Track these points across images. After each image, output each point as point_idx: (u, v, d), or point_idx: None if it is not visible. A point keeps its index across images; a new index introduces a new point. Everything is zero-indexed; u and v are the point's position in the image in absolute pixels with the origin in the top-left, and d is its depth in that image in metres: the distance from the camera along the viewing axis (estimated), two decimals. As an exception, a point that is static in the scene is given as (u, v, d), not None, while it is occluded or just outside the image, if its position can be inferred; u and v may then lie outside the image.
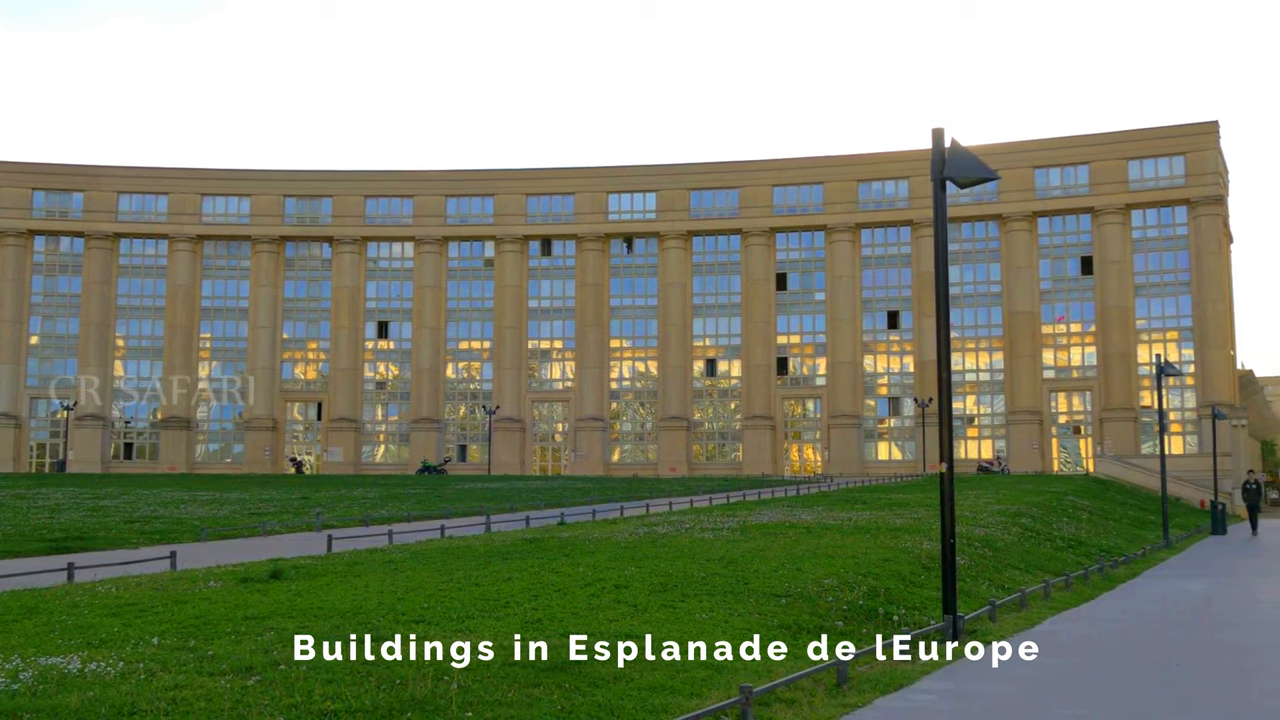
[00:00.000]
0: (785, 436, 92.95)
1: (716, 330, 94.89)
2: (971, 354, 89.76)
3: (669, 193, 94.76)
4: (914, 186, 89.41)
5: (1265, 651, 12.28)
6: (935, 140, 13.63)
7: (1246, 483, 42.99)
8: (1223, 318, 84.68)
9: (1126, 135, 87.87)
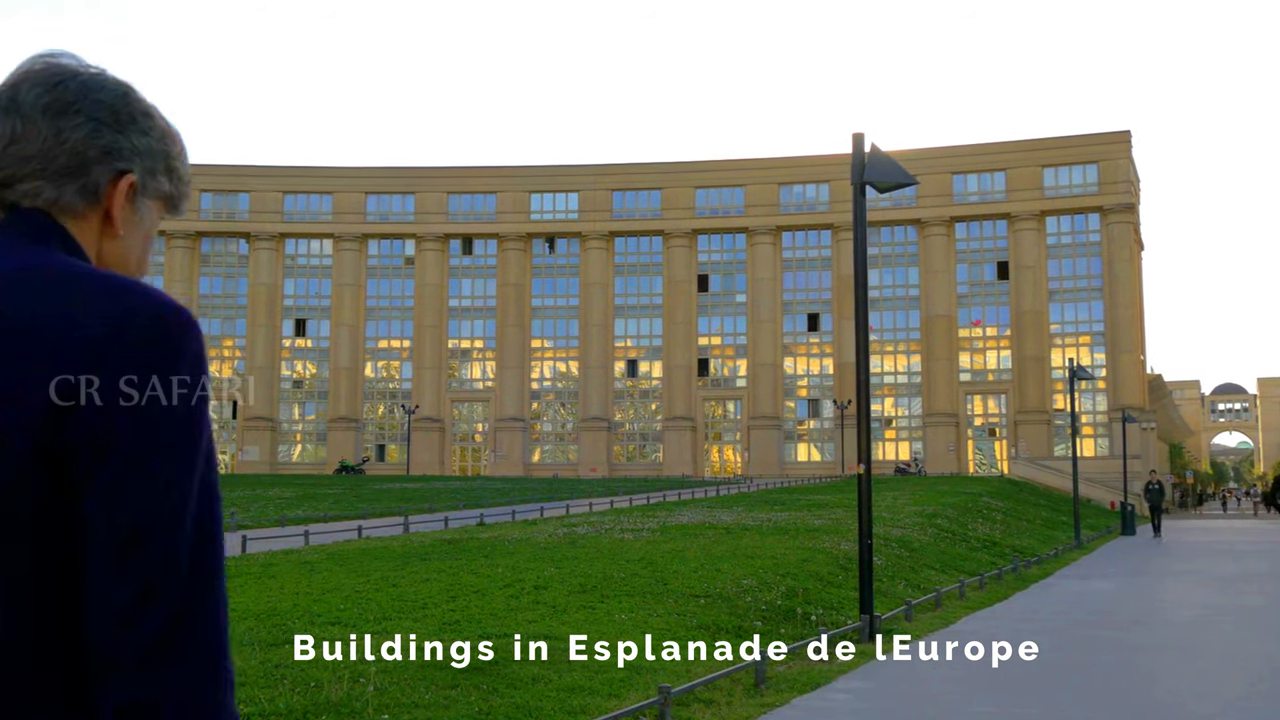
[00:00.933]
0: (706, 438, 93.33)
1: (638, 331, 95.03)
2: (890, 357, 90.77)
3: (591, 193, 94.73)
4: (834, 190, 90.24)
5: (1171, 650, 12.54)
6: (855, 145, 13.74)
7: (1149, 484, 43.48)
8: (1133, 323, 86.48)
9: (1042, 143, 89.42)
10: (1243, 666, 11.48)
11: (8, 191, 1.44)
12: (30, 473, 1.27)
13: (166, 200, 1.62)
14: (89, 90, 1.48)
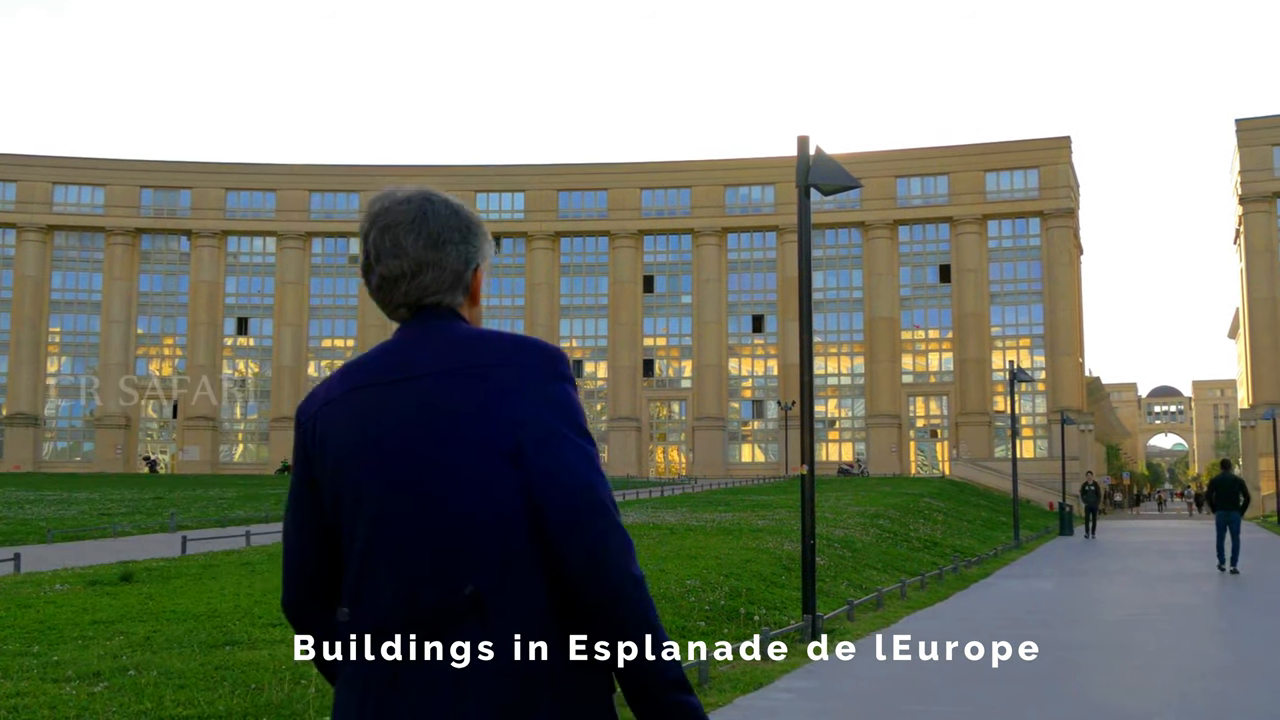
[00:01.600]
0: (651, 438, 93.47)
1: (583, 331, 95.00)
2: (834, 358, 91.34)
3: (537, 193, 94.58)
4: (780, 192, 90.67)
5: (1107, 649, 12.73)
6: (800, 148, 13.81)
7: (1085, 485, 43.41)
8: (1072, 326, 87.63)
9: (984, 148, 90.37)
10: (1177, 664, 11.69)
11: (422, 303, 2.23)
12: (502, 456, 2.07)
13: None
14: (443, 221, 2.23)
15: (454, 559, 2.04)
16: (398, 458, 2.09)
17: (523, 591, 2.03)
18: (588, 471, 2.06)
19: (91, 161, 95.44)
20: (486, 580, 2.02)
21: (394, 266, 2.21)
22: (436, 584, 2.03)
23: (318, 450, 2.20)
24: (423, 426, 2.09)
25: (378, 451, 2.11)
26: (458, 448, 2.06)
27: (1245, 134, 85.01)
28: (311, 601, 2.25)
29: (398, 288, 2.23)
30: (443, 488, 2.06)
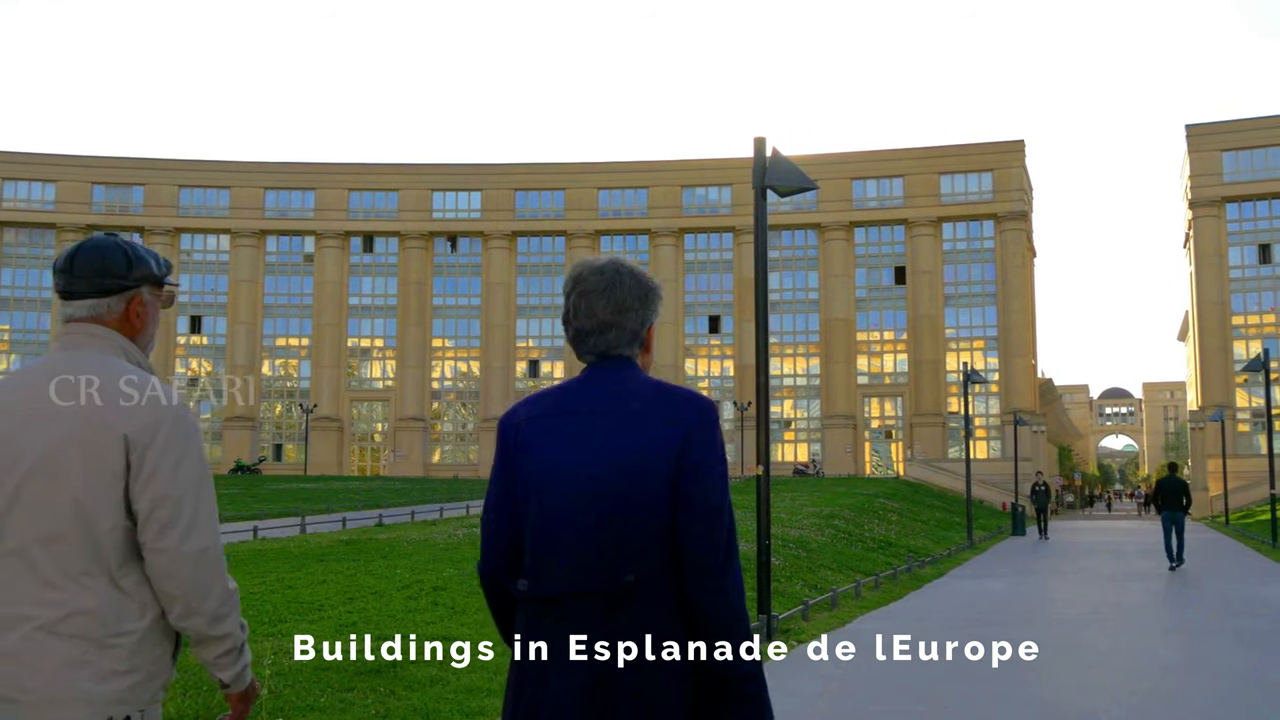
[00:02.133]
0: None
1: (540, 331, 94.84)
2: (790, 359, 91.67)
3: (494, 192, 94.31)
4: (736, 193, 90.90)
5: (1059, 648, 12.84)
6: (757, 149, 13.85)
7: (1035, 485, 43.07)
8: (1025, 328, 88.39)
9: (939, 151, 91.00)
10: (1127, 663, 11.81)
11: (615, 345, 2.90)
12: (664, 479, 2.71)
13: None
14: (627, 290, 2.90)
15: (619, 554, 2.70)
16: (585, 471, 2.76)
17: (665, 583, 2.72)
18: (723, 497, 2.77)
19: (42, 157, 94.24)
20: (643, 572, 2.70)
21: (587, 324, 2.92)
22: (604, 572, 2.70)
23: (519, 453, 2.86)
24: (606, 450, 2.76)
25: (572, 465, 2.77)
26: (634, 469, 2.73)
27: (1195, 139, 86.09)
28: (505, 571, 2.87)
29: (588, 340, 2.94)
30: (614, 500, 2.72)
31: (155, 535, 2.66)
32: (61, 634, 2.61)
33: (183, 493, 2.68)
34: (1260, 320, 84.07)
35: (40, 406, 2.69)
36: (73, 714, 2.59)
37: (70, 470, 2.63)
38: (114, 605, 2.66)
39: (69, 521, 2.63)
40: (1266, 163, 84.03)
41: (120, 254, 2.84)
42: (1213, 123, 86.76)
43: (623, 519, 2.71)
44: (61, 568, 2.63)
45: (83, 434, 2.64)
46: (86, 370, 2.72)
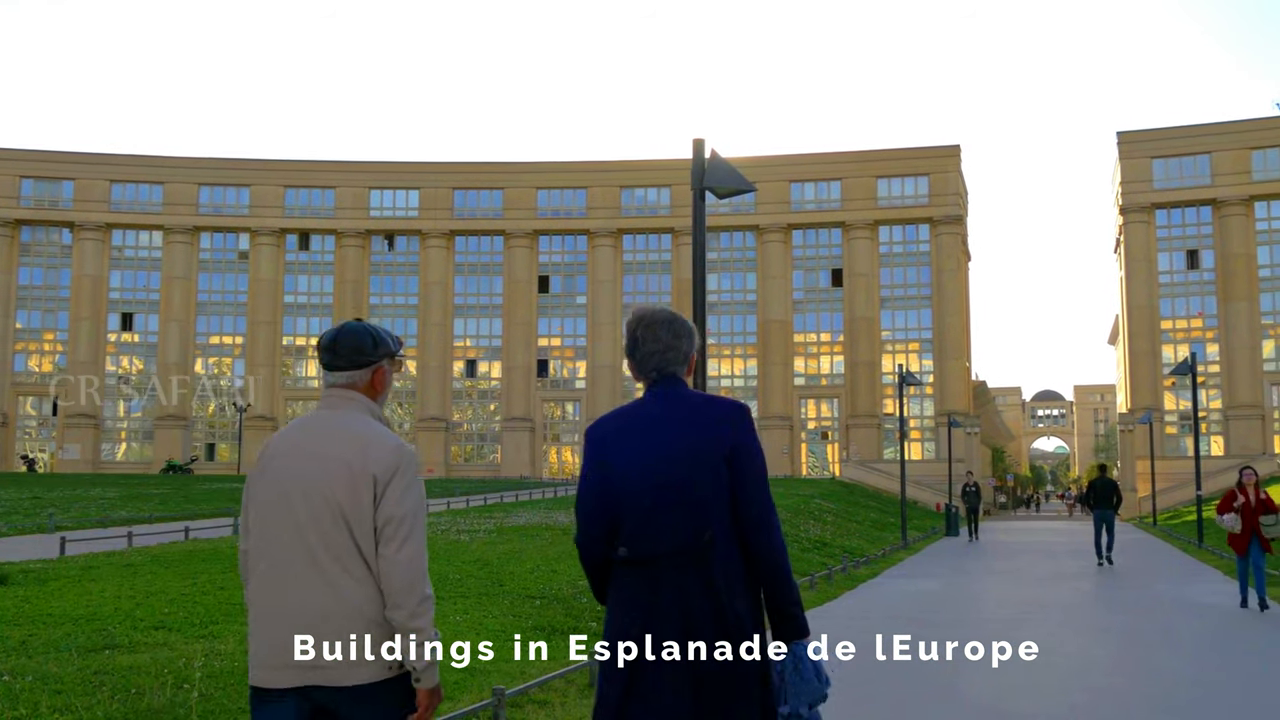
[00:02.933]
0: (545, 439, 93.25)
1: (478, 331, 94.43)
2: (727, 360, 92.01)
3: (432, 191, 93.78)
4: (675, 195, 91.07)
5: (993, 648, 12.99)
6: (696, 151, 13.88)
7: (965, 486, 42.53)
8: (960, 331, 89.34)
9: (876, 155, 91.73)
10: (1060, 663, 11.96)
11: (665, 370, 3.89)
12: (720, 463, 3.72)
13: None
14: (680, 325, 3.92)
15: (700, 519, 3.75)
16: (664, 470, 3.79)
17: (729, 536, 3.78)
18: (763, 481, 3.85)
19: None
20: (717, 529, 3.75)
21: (652, 347, 3.95)
22: (693, 529, 3.75)
23: (612, 456, 3.90)
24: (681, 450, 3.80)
25: (654, 469, 3.80)
26: (702, 465, 3.77)
27: (1126, 146, 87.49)
28: (603, 543, 3.89)
29: (651, 360, 3.96)
30: (692, 482, 3.77)
31: (383, 544, 3.71)
32: (339, 610, 3.71)
33: (402, 514, 3.73)
34: (1188, 325, 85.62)
35: (321, 449, 3.83)
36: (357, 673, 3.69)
37: (340, 497, 3.74)
38: (366, 587, 3.72)
39: (338, 527, 3.74)
40: (1195, 170, 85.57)
41: (369, 337, 3.99)
42: (1143, 130, 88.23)
43: (695, 495, 3.76)
44: (338, 560, 3.72)
45: (346, 473, 3.76)
46: (348, 426, 3.87)
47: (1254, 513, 16.93)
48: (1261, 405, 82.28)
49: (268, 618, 3.80)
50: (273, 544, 3.83)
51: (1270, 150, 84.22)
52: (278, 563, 3.81)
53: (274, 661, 3.76)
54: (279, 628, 3.76)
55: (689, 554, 3.76)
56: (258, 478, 3.93)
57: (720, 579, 3.76)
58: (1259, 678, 11.02)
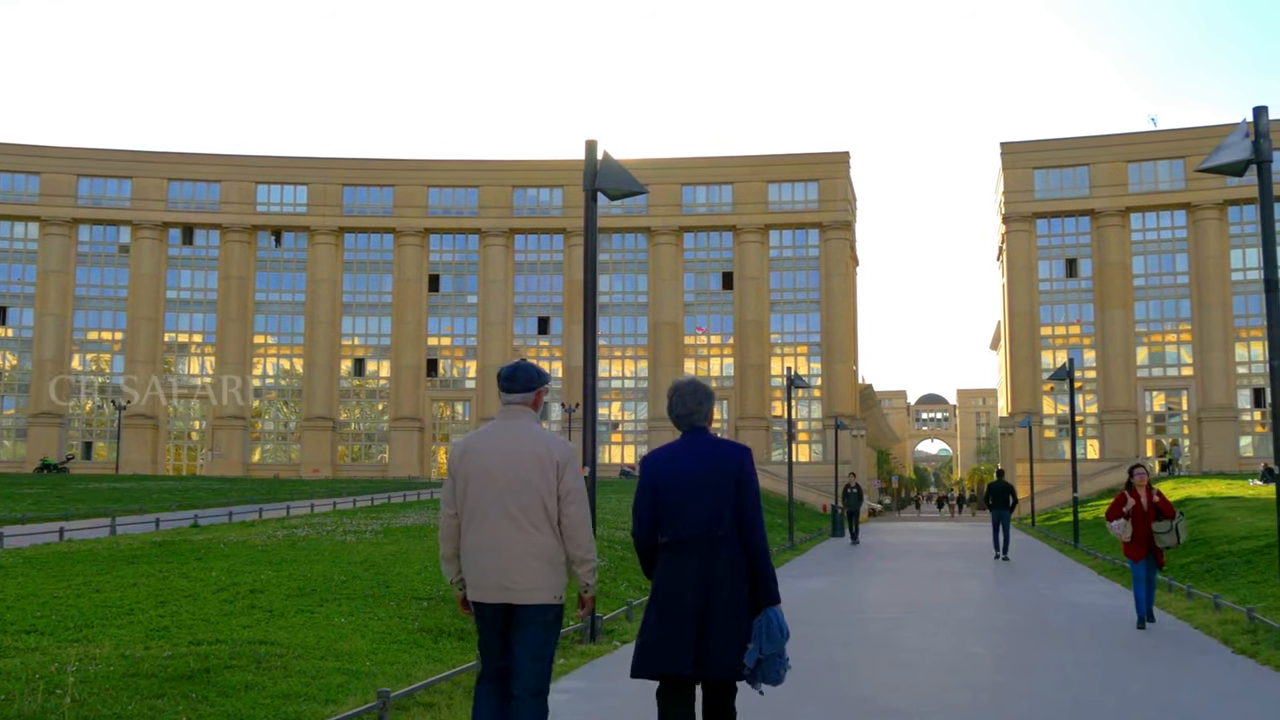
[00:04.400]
0: (434, 439, 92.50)
1: (366, 330, 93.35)
2: (618, 361, 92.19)
3: (321, 187, 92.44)
4: (567, 195, 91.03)
5: (873, 647, 13.21)
6: (588, 152, 13.90)
7: (847, 487, 41.33)
8: (847, 335, 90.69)
9: (767, 160, 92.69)
10: (936, 660, 12.19)
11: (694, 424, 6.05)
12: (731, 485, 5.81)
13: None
14: (705, 392, 6.10)
15: (717, 520, 5.71)
16: (696, 483, 5.79)
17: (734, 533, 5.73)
18: (757, 499, 5.83)
19: None
20: (727, 529, 5.72)
21: (683, 410, 6.04)
22: (710, 527, 5.72)
23: (662, 481, 5.88)
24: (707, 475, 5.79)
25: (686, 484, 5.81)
26: (721, 481, 5.75)
27: (1009, 156, 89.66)
28: (651, 535, 5.90)
29: (687, 419, 6.01)
30: (714, 495, 5.73)
31: (565, 506, 5.96)
32: (533, 554, 5.89)
33: (577, 487, 5.97)
34: (1066, 331, 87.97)
35: (516, 446, 5.97)
36: (541, 596, 5.89)
37: (533, 477, 5.90)
38: (551, 540, 5.94)
39: (534, 499, 5.88)
40: (1074, 181, 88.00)
41: (536, 372, 6.22)
42: (1025, 141, 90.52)
43: (717, 505, 5.80)
44: (533, 521, 5.89)
45: (537, 460, 5.93)
46: (529, 430, 6.05)
47: (1145, 518, 14.92)
48: (1135, 410, 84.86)
49: (482, 556, 6.00)
50: (483, 507, 5.98)
51: (1145, 163, 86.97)
52: (489, 520, 5.97)
53: (485, 584, 5.99)
54: (490, 563, 5.97)
55: (707, 540, 5.81)
56: (465, 464, 6.07)
57: (726, 560, 5.79)
58: (1136, 674, 11.34)
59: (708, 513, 5.77)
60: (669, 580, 5.80)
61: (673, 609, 5.74)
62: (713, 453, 5.90)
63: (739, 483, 5.82)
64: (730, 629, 5.74)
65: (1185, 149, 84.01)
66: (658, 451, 6.10)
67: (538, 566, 5.90)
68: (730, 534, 5.77)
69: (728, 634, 5.74)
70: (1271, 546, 19.60)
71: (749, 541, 5.81)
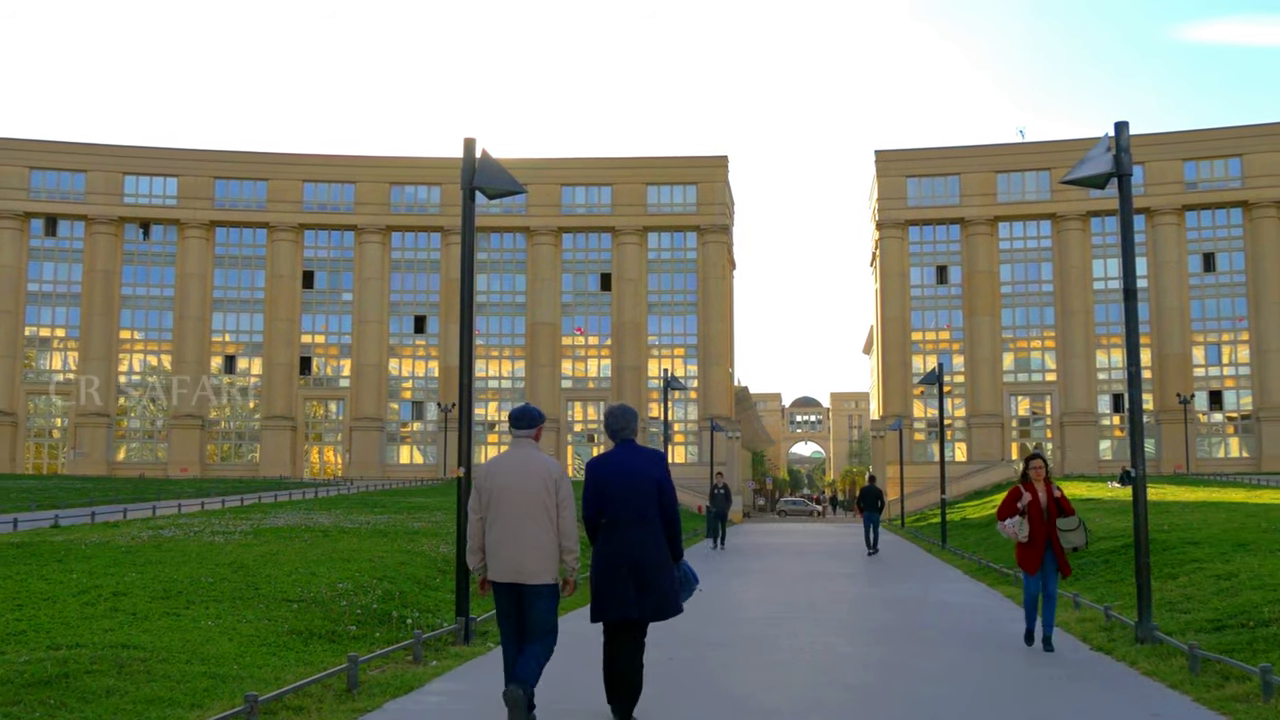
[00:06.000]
0: (306, 438, 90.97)
1: (238, 326, 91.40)
2: (495, 361, 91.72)
3: (192, 179, 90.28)
4: (445, 194, 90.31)
5: (745, 646, 13.36)
6: (467, 150, 13.82)
7: (714, 488, 39.09)
8: (724, 337, 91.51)
9: (646, 162, 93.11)
10: (808, 659, 12.36)
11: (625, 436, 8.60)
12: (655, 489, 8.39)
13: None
14: (630, 411, 8.71)
15: (644, 506, 8.30)
16: (631, 479, 8.33)
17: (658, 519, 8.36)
18: (674, 493, 8.51)
19: None
20: (651, 512, 8.32)
21: (616, 426, 8.60)
22: (640, 511, 8.30)
23: (603, 479, 8.40)
24: (638, 472, 8.36)
25: (622, 477, 8.35)
26: (646, 480, 8.33)
27: (883, 165, 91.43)
28: (596, 515, 8.39)
29: (620, 433, 8.56)
30: (642, 490, 8.31)
31: (561, 511, 8.22)
32: (540, 547, 8.15)
33: (568, 496, 8.28)
34: (936, 336, 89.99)
35: (525, 468, 8.29)
36: (544, 578, 8.15)
37: (539, 490, 8.19)
38: (553, 537, 8.19)
39: (541, 507, 8.17)
40: (946, 190, 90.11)
41: (537, 412, 8.59)
42: (899, 150, 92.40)
43: (644, 496, 8.27)
44: (539, 523, 8.16)
45: (542, 478, 8.25)
46: (536, 456, 8.40)
47: (1046, 516, 12.83)
48: (1001, 414, 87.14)
49: (502, 549, 8.23)
50: (503, 513, 8.27)
51: (1014, 174, 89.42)
52: (508, 523, 8.24)
53: (504, 569, 8.21)
54: (507, 553, 8.20)
55: (639, 523, 8.30)
56: (490, 479, 8.39)
57: (654, 537, 8.34)
58: (999, 670, 11.64)
59: (638, 501, 8.31)
60: (608, 547, 8.31)
61: (613, 571, 8.22)
62: (640, 458, 8.49)
63: (659, 480, 8.40)
64: (666, 583, 8.34)
65: (1051, 161, 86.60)
66: (600, 457, 8.56)
67: (540, 555, 8.19)
68: (653, 516, 8.34)
69: (665, 587, 8.33)
70: (1128, 547, 20.26)
71: (668, 520, 8.43)
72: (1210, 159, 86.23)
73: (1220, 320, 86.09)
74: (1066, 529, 12.82)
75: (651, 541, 8.24)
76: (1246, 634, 12.35)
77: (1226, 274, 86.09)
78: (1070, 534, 12.83)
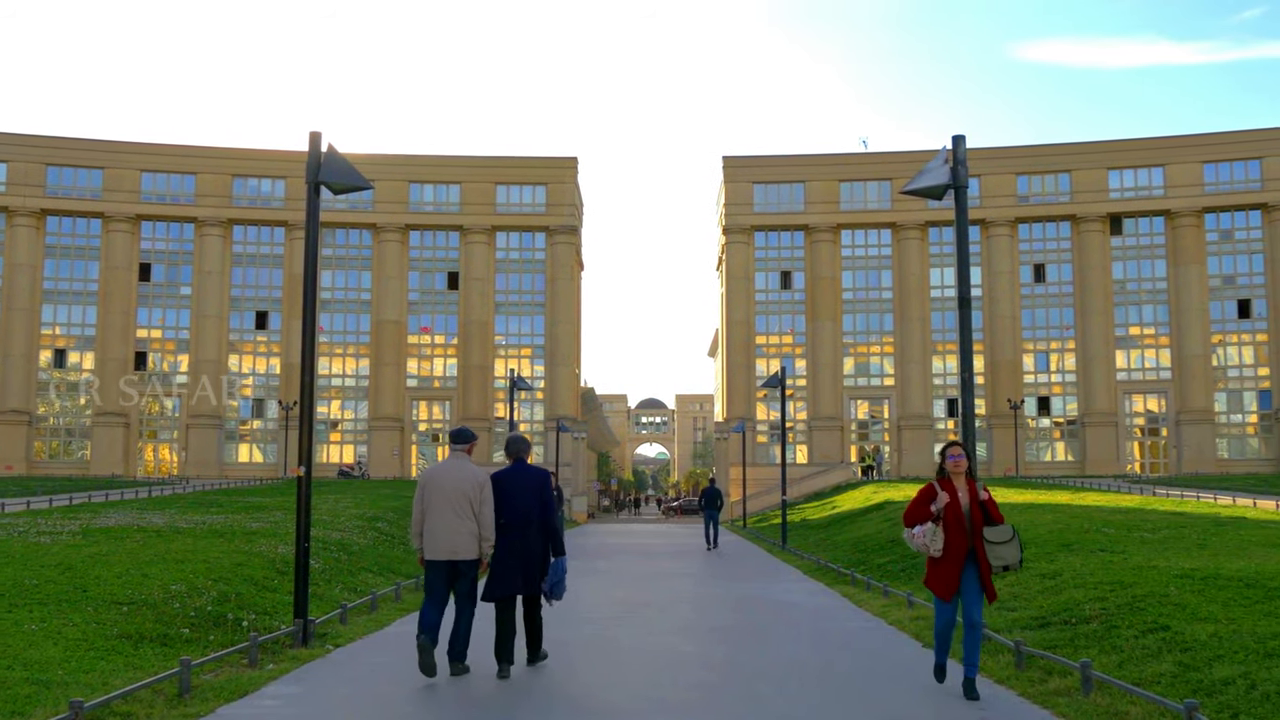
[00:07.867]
0: (140, 435, 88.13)
1: (69, 319, 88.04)
2: (339, 359, 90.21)
3: (20, 165, 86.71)
4: (290, 187, 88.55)
5: (587, 645, 13.44)
6: (312, 144, 13.61)
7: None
8: (571, 338, 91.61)
9: (496, 161, 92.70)
10: (650, 658, 12.49)
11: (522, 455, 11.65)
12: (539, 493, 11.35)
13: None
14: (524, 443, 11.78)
15: (529, 511, 11.20)
16: (520, 490, 11.29)
17: (540, 522, 11.25)
18: (555, 503, 11.83)
19: None
20: (537, 516, 11.23)
21: (518, 449, 11.65)
22: (525, 515, 11.20)
23: (502, 489, 11.28)
24: (526, 485, 11.32)
25: (515, 488, 11.30)
26: (532, 491, 11.30)
27: (730, 170, 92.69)
28: (499, 517, 11.19)
29: (517, 454, 11.60)
30: (528, 498, 11.25)
31: (481, 507, 11.08)
32: (468, 534, 11.02)
33: (487, 497, 11.12)
34: (780, 341, 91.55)
35: (458, 474, 11.16)
36: (469, 556, 11.05)
37: (468, 490, 11.06)
38: (475, 527, 11.04)
39: (467, 504, 11.04)
40: (791, 197, 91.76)
41: (471, 433, 11.67)
42: (746, 156, 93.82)
43: (529, 503, 11.21)
44: (465, 516, 11.04)
45: (470, 483, 11.08)
46: (467, 466, 11.26)
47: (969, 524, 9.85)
48: (841, 417, 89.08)
49: (437, 535, 10.98)
50: (439, 508, 10.98)
51: (856, 183, 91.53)
52: (443, 515, 10.96)
53: (441, 550, 10.95)
54: (443, 539, 10.96)
55: (526, 524, 11.11)
56: (431, 480, 11.17)
57: (536, 535, 11.14)
58: (839, 668, 11.92)
59: (526, 507, 11.11)
60: (505, 543, 11.07)
61: (508, 560, 11.00)
62: (530, 474, 11.35)
63: (543, 492, 11.21)
64: (538, 570, 11.10)
65: (892, 171, 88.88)
66: (500, 471, 11.32)
67: (469, 540, 10.94)
68: (537, 519, 11.14)
69: (536, 572, 11.09)
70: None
71: (549, 523, 11.22)
72: (1042, 174, 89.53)
73: (1049, 329, 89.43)
74: (996, 541, 9.81)
75: (537, 539, 11.16)
76: (1069, 631, 12.90)
77: (1055, 284, 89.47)
78: (1001, 548, 9.81)
